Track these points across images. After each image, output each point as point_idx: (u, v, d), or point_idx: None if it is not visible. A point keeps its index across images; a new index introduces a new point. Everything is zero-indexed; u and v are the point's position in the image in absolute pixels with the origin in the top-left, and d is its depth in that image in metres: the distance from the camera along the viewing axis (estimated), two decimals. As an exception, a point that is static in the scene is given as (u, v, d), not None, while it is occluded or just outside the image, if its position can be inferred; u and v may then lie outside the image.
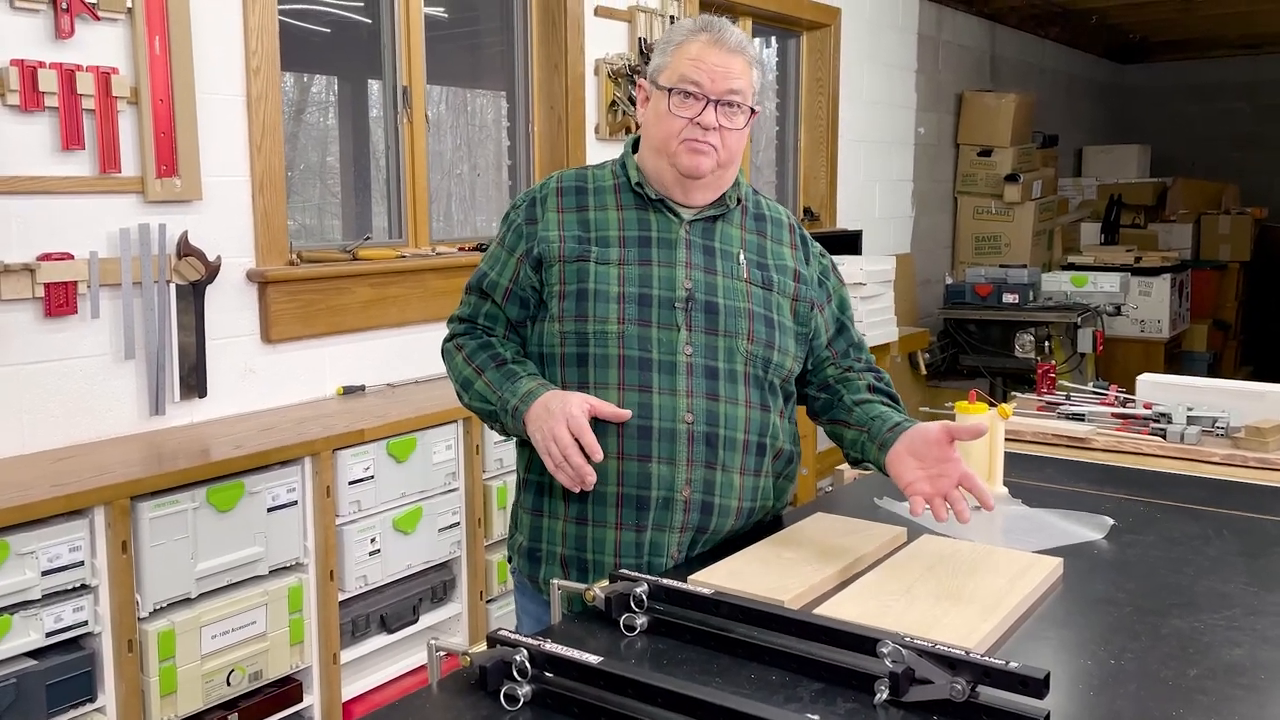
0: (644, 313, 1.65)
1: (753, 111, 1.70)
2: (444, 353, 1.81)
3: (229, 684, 2.44)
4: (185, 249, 2.75)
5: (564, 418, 1.56)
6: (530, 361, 1.74)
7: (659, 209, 1.72)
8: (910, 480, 1.59)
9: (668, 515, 1.65)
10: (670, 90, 1.65)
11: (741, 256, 1.73)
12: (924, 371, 5.59)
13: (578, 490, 1.61)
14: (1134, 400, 2.51)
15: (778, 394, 1.75)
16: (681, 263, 1.69)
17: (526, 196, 1.78)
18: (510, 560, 1.85)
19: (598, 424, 1.63)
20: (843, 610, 1.40)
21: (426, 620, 2.97)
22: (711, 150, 1.66)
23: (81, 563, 2.19)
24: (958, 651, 1.17)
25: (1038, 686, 1.11)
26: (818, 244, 1.87)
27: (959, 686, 1.13)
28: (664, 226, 1.71)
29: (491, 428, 1.77)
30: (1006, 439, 2.07)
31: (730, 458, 1.68)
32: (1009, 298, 5.73)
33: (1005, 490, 1.99)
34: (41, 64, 2.46)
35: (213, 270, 2.81)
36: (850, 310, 1.87)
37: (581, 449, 1.56)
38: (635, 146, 1.81)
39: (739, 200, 1.77)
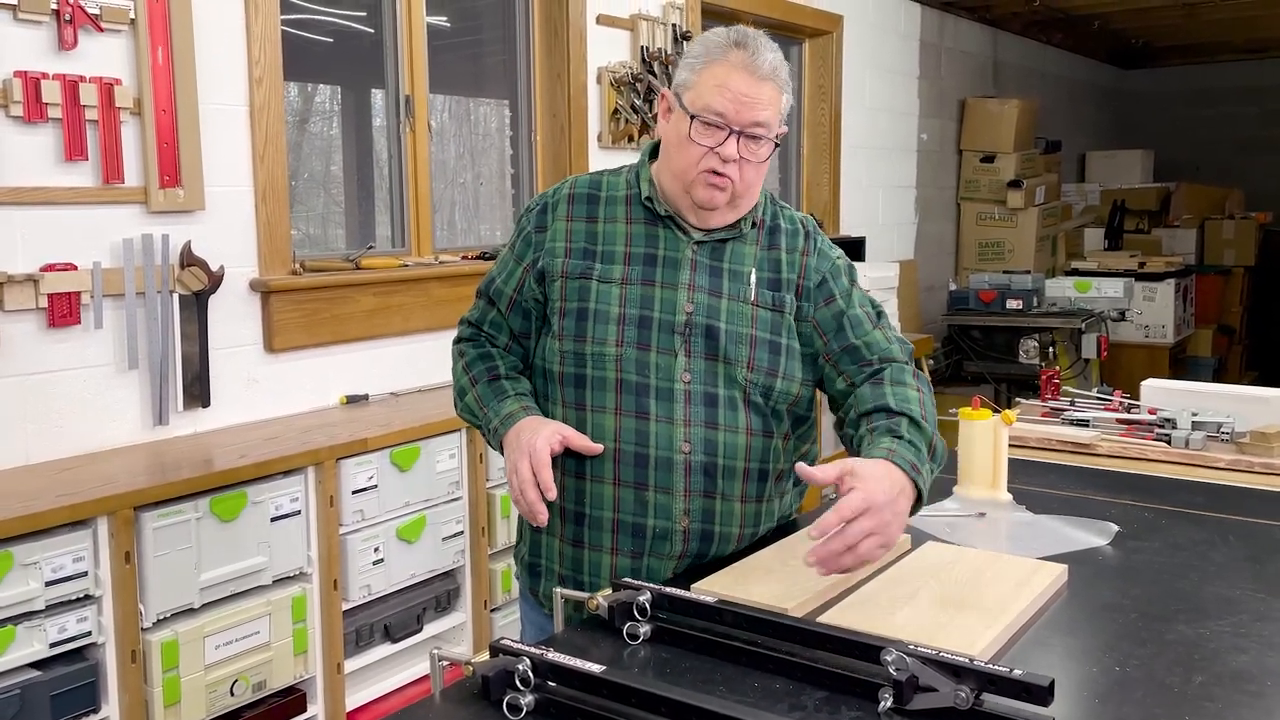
0: (643, 335, 1.62)
1: (776, 144, 1.62)
2: (452, 353, 1.81)
3: (233, 694, 2.44)
4: (188, 259, 2.75)
5: (528, 451, 1.54)
6: (524, 379, 1.73)
7: (668, 225, 1.67)
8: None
9: (666, 544, 1.63)
10: (693, 118, 1.57)
11: (752, 277, 1.66)
12: (928, 378, 5.58)
13: (534, 525, 1.58)
14: (1139, 406, 2.50)
15: (783, 419, 1.69)
16: (685, 284, 1.64)
17: (539, 201, 1.75)
18: (515, 567, 1.85)
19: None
20: (846, 618, 1.39)
21: (430, 630, 2.97)
22: (728, 184, 1.59)
23: (85, 573, 2.19)
24: (962, 659, 1.17)
25: (1042, 694, 1.10)
26: (837, 249, 1.76)
27: (963, 694, 1.13)
28: (671, 245, 1.66)
29: (484, 439, 1.76)
30: (1010, 445, 2.06)
31: (730, 486, 1.64)
32: (1013, 304, 5.72)
33: (1009, 497, 1.98)
34: (45, 75, 2.47)
35: (216, 280, 2.81)
36: (857, 309, 1.70)
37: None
38: (653, 153, 1.73)
39: (754, 223, 1.70)
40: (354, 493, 2.71)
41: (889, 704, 1.16)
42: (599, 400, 1.63)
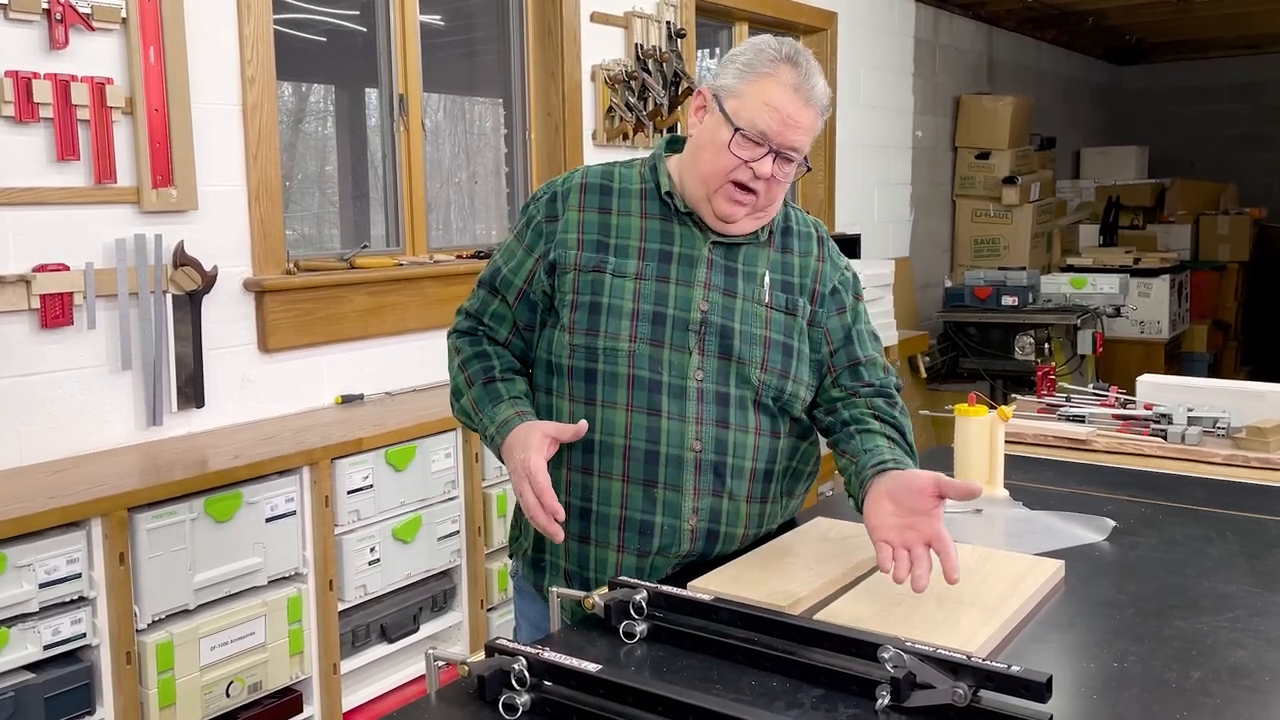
0: (657, 332, 1.60)
1: (808, 167, 1.65)
2: (448, 346, 1.78)
3: (228, 695, 2.43)
4: (182, 259, 2.75)
5: (525, 475, 1.50)
6: (519, 378, 1.70)
7: (685, 223, 1.66)
8: (878, 525, 1.47)
9: (673, 543, 1.61)
10: (737, 130, 1.57)
11: (766, 279, 1.67)
12: (924, 375, 5.59)
13: (554, 542, 1.56)
14: (1134, 401, 2.50)
15: (787, 419, 1.69)
16: (700, 283, 1.63)
17: (548, 189, 1.71)
18: (512, 562, 1.82)
19: (606, 446, 1.60)
20: (844, 615, 1.39)
21: (427, 630, 2.96)
22: (752, 199, 1.60)
23: (79, 575, 2.18)
24: (959, 656, 1.17)
25: (1040, 690, 1.10)
26: (845, 259, 1.79)
27: (961, 691, 1.13)
28: (687, 242, 1.65)
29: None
30: (1007, 441, 2.06)
31: (738, 486, 1.64)
32: (1008, 300, 5.72)
33: (1006, 493, 1.98)
34: (36, 75, 2.46)
35: (209, 280, 2.80)
36: (863, 325, 1.75)
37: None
38: (670, 145, 1.73)
39: (769, 229, 1.70)
40: (349, 493, 2.71)
41: (886, 701, 1.16)
42: (610, 396, 1.61)
